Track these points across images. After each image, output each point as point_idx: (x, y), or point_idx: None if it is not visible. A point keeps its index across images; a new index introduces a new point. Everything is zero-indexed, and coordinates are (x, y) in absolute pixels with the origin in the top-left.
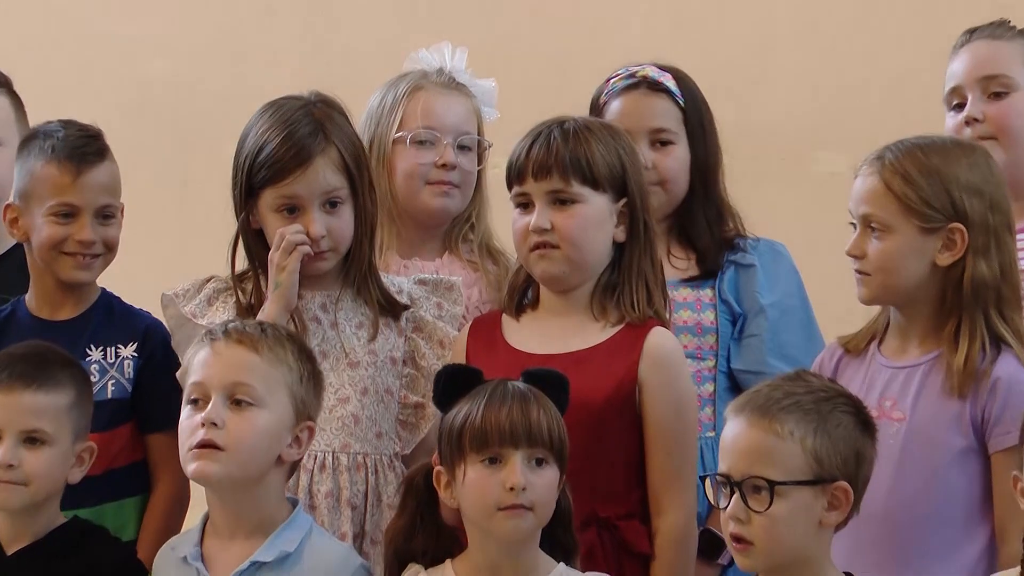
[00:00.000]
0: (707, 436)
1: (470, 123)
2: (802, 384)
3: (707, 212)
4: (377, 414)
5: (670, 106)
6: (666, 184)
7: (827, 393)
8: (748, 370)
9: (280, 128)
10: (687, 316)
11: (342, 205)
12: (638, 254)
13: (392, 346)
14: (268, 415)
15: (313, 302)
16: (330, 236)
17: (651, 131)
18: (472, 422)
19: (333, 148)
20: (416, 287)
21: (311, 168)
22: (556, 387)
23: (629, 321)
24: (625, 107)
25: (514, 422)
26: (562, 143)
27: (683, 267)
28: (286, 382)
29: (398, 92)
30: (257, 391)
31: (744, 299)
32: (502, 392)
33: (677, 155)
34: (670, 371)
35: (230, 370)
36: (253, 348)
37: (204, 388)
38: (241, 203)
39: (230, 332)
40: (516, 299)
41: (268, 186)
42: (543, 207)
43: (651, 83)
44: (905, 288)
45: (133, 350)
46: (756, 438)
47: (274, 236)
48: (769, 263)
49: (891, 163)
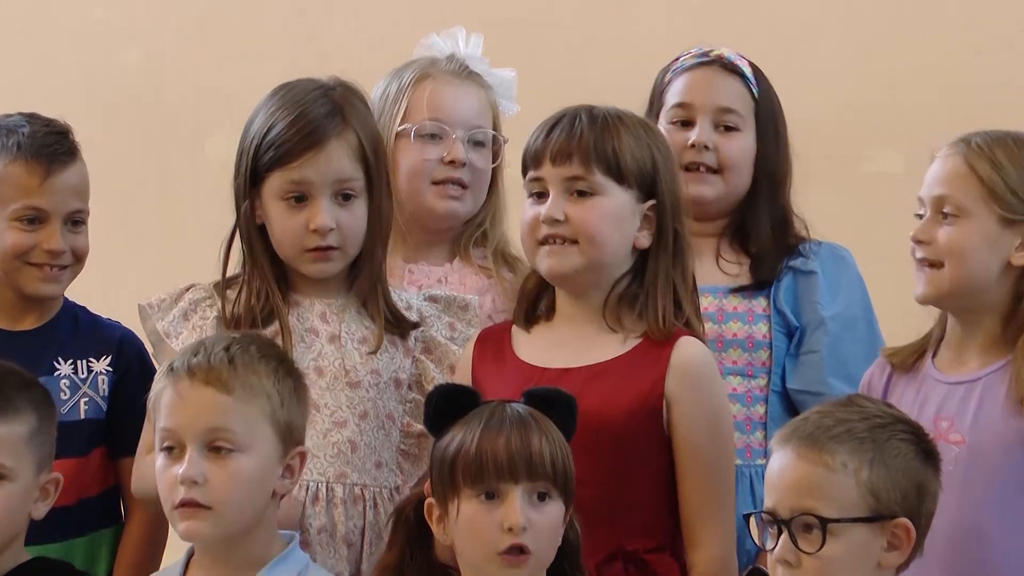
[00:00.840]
0: (757, 464)
1: (483, 116)
2: (855, 409)
3: (771, 217)
4: (377, 441)
5: (743, 90)
6: (726, 172)
7: (884, 419)
8: (805, 390)
9: (293, 107)
10: (737, 328)
11: (356, 199)
12: (665, 264)
13: (398, 367)
14: (252, 458)
15: (311, 311)
16: (339, 232)
17: (717, 110)
18: (466, 452)
19: (351, 132)
20: (427, 304)
21: (324, 151)
22: (562, 409)
23: (652, 335)
24: (692, 81)
25: (513, 453)
26: (588, 127)
27: (734, 273)
28: (266, 413)
29: (403, 81)
30: (236, 434)
31: (803, 310)
32: (500, 417)
33: (742, 143)
34: (702, 385)
35: (202, 416)
36: (223, 388)
37: (176, 436)
38: (245, 191)
39: (194, 370)
40: (527, 308)
41: (275, 169)
42: (558, 196)
43: (725, 62)
44: (973, 284)
45: (107, 364)
46: (805, 471)
47: (277, 230)
48: (832, 270)
49: (978, 146)
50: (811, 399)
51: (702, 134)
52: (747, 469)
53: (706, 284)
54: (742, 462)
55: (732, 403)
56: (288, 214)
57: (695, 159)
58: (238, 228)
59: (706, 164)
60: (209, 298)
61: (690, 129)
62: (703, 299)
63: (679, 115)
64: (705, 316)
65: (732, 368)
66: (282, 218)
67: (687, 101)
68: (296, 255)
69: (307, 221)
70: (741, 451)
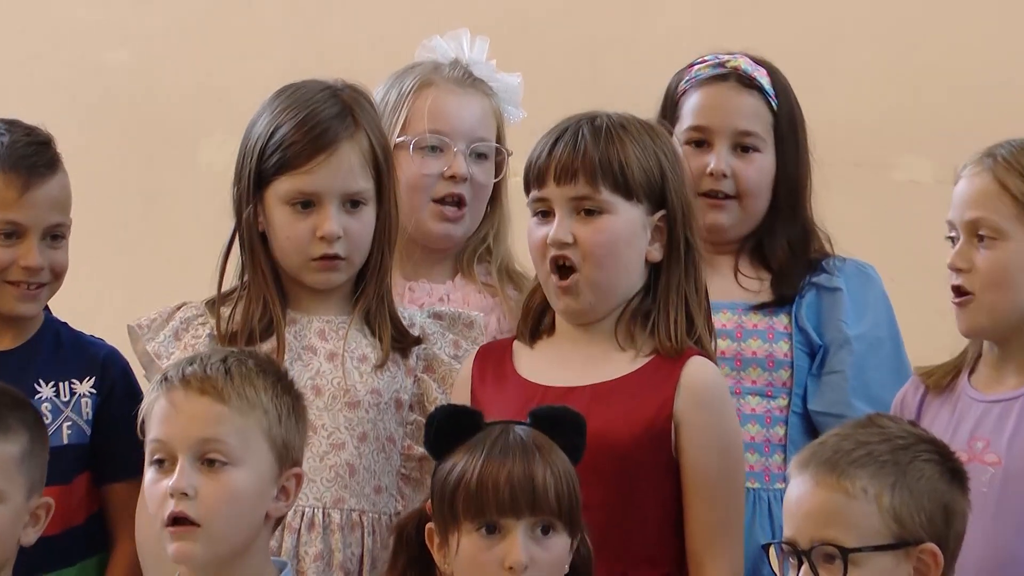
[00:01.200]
0: (776, 488)
1: (486, 127)
2: (876, 431)
3: (790, 233)
4: (376, 465)
5: (761, 107)
6: (744, 198)
7: (905, 439)
8: (828, 412)
9: (300, 108)
10: (756, 346)
11: (364, 207)
12: (677, 277)
13: (399, 386)
14: (246, 473)
15: (309, 328)
16: (347, 240)
17: (735, 133)
18: (467, 484)
19: (363, 135)
20: (430, 321)
21: (336, 155)
22: (570, 430)
23: (663, 352)
24: (707, 100)
25: (515, 486)
26: (591, 142)
27: (754, 289)
28: (262, 428)
29: (404, 88)
30: (230, 447)
31: (826, 329)
32: (503, 444)
33: (761, 165)
34: (712, 407)
35: (195, 426)
36: (219, 397)
37: (168, 448)
38: (247, 196)
39: (189, 379)
40: (532, 323)
41: (283, 173)
42: (565, 216)
43: (742, 76)
44: (1019, 309)
45: (91, 386)
46: (824, 498)
47: (281, 236)
48: (857, 288)
49: (1005, 160)
50: (833, 421)
51: (720, 161)
52: (765, 493)
53: (724, 300)
54: (760, 485)
55: (751, 424)
56: (294, 220)
57: (713, 187)
58: (239, 236)
59: (724, 192)
60: (201, 316)
61: (707, 151)
62: (721, 315)
63: (695, 137)
64: (724, 333)
65: (751, 388)
66: (287, 224)
67: (703, 124)
68: (300, 264)
69: (314, 228)
70: (759, 474)
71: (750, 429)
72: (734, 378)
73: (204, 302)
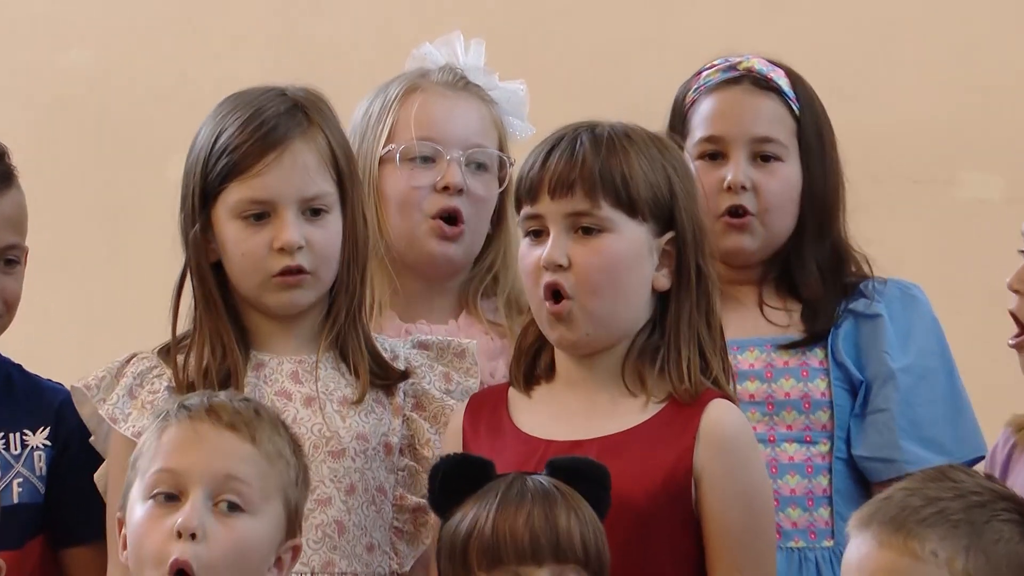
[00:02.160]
0: (823, 546)
1: (484, 133)
2: (948, 485)
3: (820, 256)
4: (367, 520)
5: (780, 110)
6: (766, 215)
7: (982, 496)
8: (875, 456)
9: (245, 108)
10: (790, 386)
11: (327, 215)
12: (688, 307)
13: (387, 429)
14: (260, 527)
15: (280, 371)
16: (310, 251)
17: (753, 140)
18: (481, 532)
19: (318, 132)
20: (416, 352)
21: (289, 153)
22: (593, 481)
23: (677, 396)
24: (720, 106)
25: (536, 532)
26: (591, 152)
27: (783, 323)
28: (283, 483)
29: (388, 96)
30: (253, 491)
31: (867, 361)
32: (519, 491)
33: (785, 176)
34: (736, 455)
35: (219, 459)
36: (249, 436)
37: (179, 480)
38: (193, 216)
39: (216, 409)
40: (526, 368)
41: (230, 181)
42: (560, 235)
43: (757, 78)
44: None
45: (44, 437)
46: (889, 560)
47: (236, 254)
48: (900, 312)
49: None
50: (882, 467)
51: (738, 172)
52: (812, 552)
53: (750, 337)
54: (805, 544)
55: (790, 475)
56: (247, 234)
57: (733, 203)
58: (187, 268)
59: (745, 208)
60: (156, 368)
61: (722, 164)
62: (748, 355)
63: (709, 149)
64: (752, 375)
65: (787, 434)
66: (240, 240)
67: (716, 133)
68: (259, 284)
69: (271, 240)
70: (804, 531)
71: (789, 481)
72: (767, 424)
73: (155, 351)
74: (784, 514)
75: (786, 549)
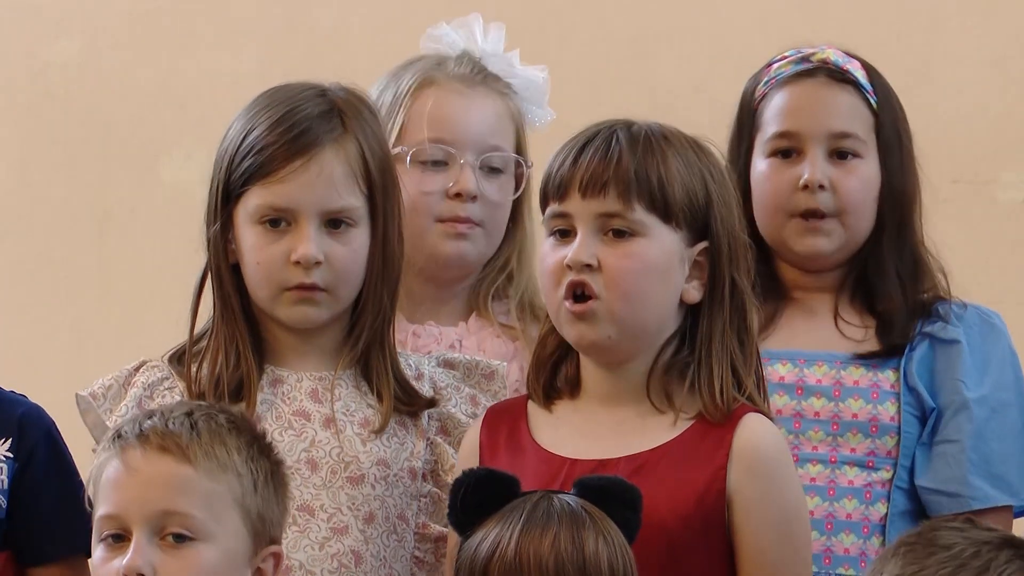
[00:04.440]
0: None
1: (501, 134)
2: (942, 558)
3: (900, 261)
4: (387, 551)
5: (858, 104)
6: (845, 215)
7: (980, 558)
8: (940, 490)
9: (279, 106)
10: (858, 407)
11: (353, 229)
12: (721, 323)
13: (410, 453)
14: (215, 551)
15: (299, 388)
16: (329, 268)
17: (831, 135)
18: (503, 554)
19: (351, 141)
20: (441, 372)
21: (316, 161)
22: (623, 502)
23: (708, 415)
24: (794, 101)
25: (562, 556)
26: (627, 150)
27: (858, 337)
28: (234, 496)
29: (400, 88)
30: (196, 520)
31: (941, 388)
32: (545, 512)
33: (864, 174)
34: (771, 476)
35: (154, 494)
36: (183, 456)
37: (120, 521)
38: (215, 215)
39: (147, 434)
40: (546, 381)
41: (253, 183)
42: (588, 236)
43: (832, 70)
44: None
45: (6, 450)
46: None
47: (251, 262)
48: (979, 340)
49: None
50: (947, 501)
51: (815, 170)
52: None
53: (820, 351)
54: (855, 573)
55: (847, 499)
56: (265, 241)
57: (809, 204)
58: (208, 268)
59: (823, 209)
60: (168, 379)
61: (797, 161)
62: (816, 369)
63: (782, 145)
64: (818, 391)
65: (850, 456)
66: (257, 247)
67: (791, 129)
68: (272, 295)
69: (288, 251)
70: (855, 559)
71: (847, 505)
72: (830, 444)
73: (166, 357)
74: (837, 539)
75: (835, 575)
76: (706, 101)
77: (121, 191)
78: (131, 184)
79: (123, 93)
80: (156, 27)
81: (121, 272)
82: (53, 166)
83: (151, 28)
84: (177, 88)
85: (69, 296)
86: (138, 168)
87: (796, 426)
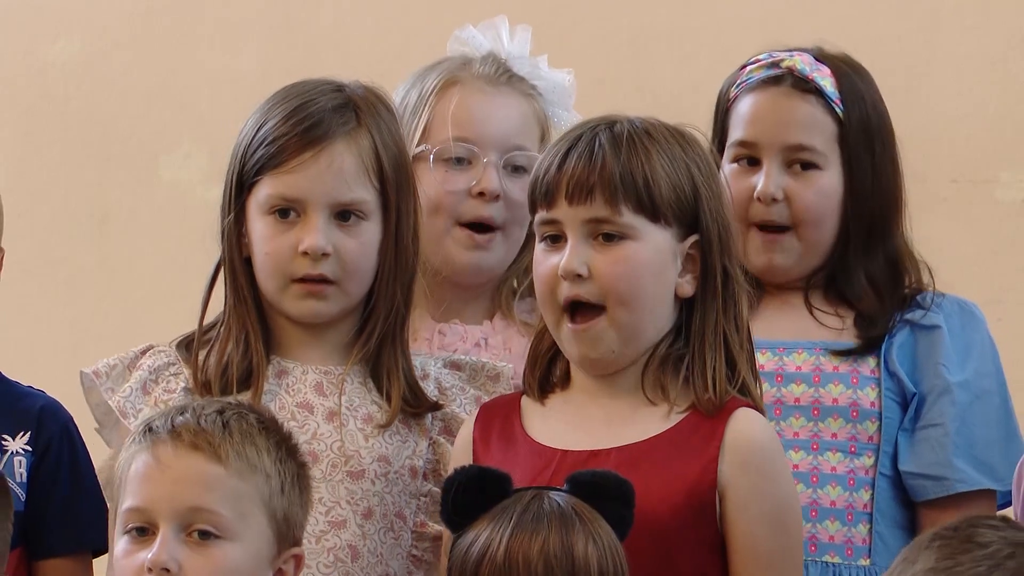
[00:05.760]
0: (859, 564)
1: (526, 133)
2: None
3: (870, 268)
4: (383, 547)
5: (819, 115)
6: (802, 227)
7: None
8: (924, 473)
9: (294, 99)
10: (838, 393)
11: (363, 222)
12: (715, 313)
13: (412, 452)
14: (240, 550)
15: (304, 380)
16: (337, 260)
17: (787, 147)
18: (493, 557)
19: (365, 135)
20: (447, 372)
21: (327, 153)
22: (616, 498)
23: (700, 407)
24: (756, 109)
25: (551, 560)
26: (610, 152)
27: (836, 326)
28: (262, 497)
29: (425, 87)
30: (224, 518)
31: (923, 374)
32: (536, 513)
33: (823, 185)
34: (763, 469)
35: (183, 490)
36: (214, 455)
37: (148, 515)
38: (229, 206)
39: (179, 431)
40: (541, 375)
41: (264, 173)
42: (578, 242)
43: (798, 79)
44: None
45: (24, 443)
46: None
47: (260, 252)
48: (959, 327)
49: None
50: (931, 485)
51: (768, 183)
52: (847, 570)
53: (799, 339)
54: (841, 560)
55: (831, 485)
56: (274, 232)
57: (764, 216)
58: (222, 259)
59: (776, 222)
60: (174, 364)
61: (757, 171)
62: (796, 357)
63: (742, 153)
64: (799, 377)
65: (832, 442)
66: (266, 238)
67: (750, 139)
68: (279, 287)
69: (296, 242)
70: (840, 547)
71: (830, 492)
72: (811, 430)
73: (174, 344)
74: (822, 526)
75: (820, 563)
76: (706, 101)
77: (120, 191)
78: (130, 184)
79: (123, 93)
80: (156, 27)
81: (120, 272)
82: (53, 166)
83: (151, 28)
84: (177, 88)
85: (69, 296)
86: (137, 168)
87: (777, 413)
